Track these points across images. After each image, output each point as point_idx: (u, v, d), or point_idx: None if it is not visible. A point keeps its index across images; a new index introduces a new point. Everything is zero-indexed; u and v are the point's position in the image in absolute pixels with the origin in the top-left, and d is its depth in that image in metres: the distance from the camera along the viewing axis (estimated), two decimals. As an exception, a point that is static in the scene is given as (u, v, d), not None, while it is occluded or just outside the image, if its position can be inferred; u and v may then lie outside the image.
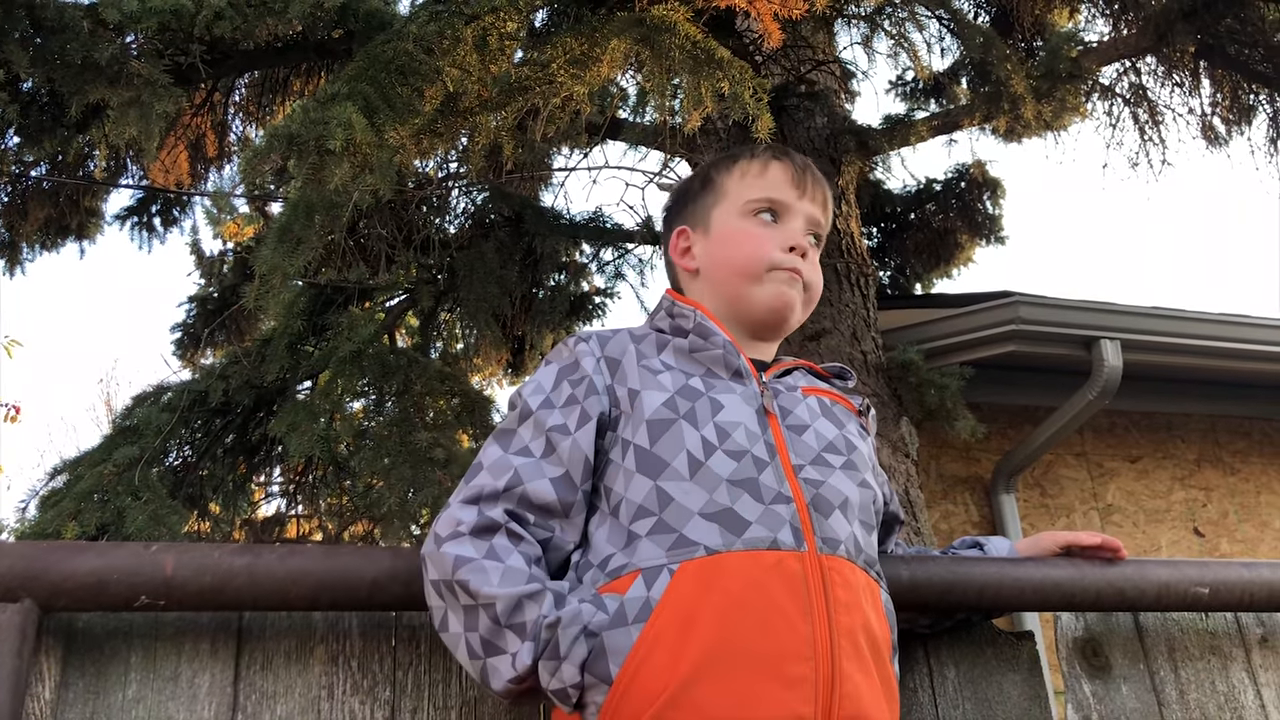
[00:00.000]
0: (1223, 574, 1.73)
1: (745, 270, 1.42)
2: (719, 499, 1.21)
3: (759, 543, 1.18)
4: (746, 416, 1.29)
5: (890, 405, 3.85)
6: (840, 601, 1.18)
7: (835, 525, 1.24)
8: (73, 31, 3.21)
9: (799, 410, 1.35)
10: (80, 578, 1.29)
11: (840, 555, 1.22)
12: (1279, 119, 4.80)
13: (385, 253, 4.38)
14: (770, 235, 1.43)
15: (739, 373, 1.35)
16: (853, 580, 1.21)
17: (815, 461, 1.29)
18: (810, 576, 1.17)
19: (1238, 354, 5.01)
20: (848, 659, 1.14)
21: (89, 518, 3.15)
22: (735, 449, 1.25)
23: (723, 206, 1.48)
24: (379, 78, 2.63)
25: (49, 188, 4.96)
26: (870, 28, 4.25)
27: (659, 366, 1.34)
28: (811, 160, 1.54)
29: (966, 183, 6.21)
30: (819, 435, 1.33)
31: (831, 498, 1.26)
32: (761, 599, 1.14)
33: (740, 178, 1.49)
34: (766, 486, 1.23)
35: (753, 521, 1.19)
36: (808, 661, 1.12)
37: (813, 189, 1.48)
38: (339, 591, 1.36)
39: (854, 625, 1.18)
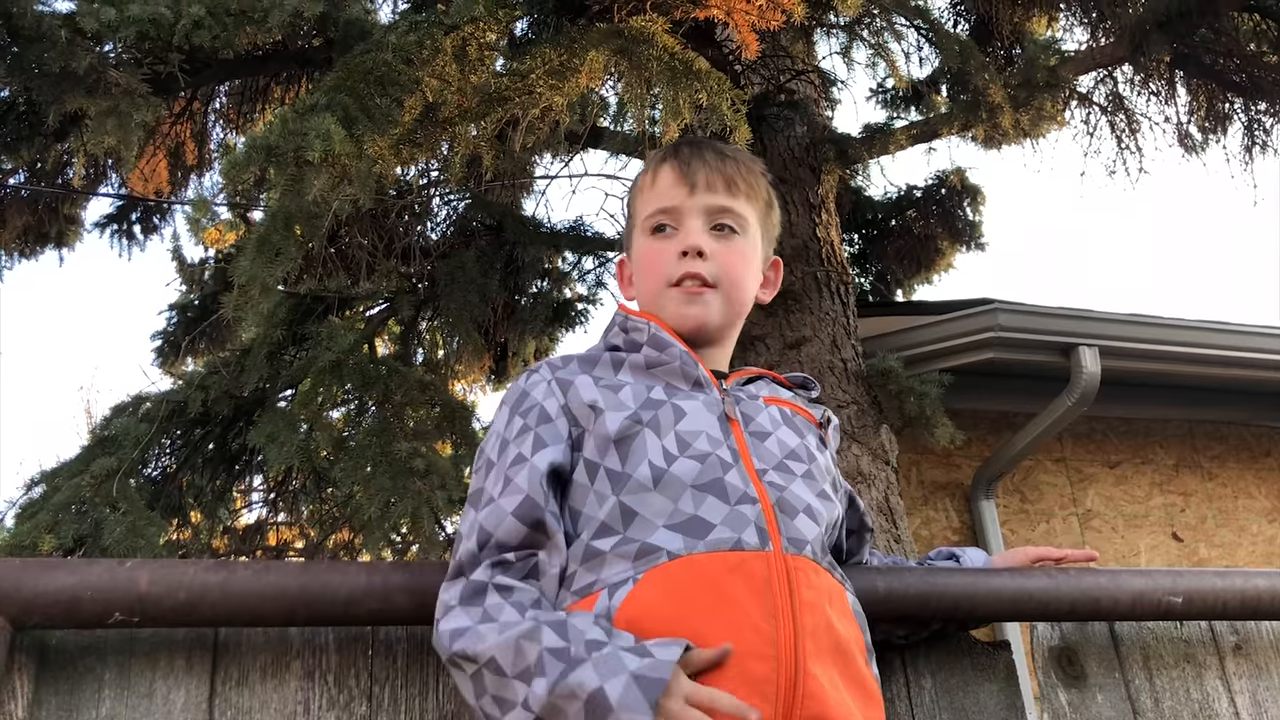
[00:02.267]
0: (1196, 583, 1.74)
1: (652, 293, 1.42)
2: (684, 507, 1.20)
3: (722, 544, 1.17)
4: (709, 424, 1.29)
5: (870, 412, 3.86)
6: (805, 602, 1.16)
7: (801, 526, 1.23)
8: (50, 40, 3.19)
9: (761, 418, 1.34)
10: (53, 594, 1.28)
11: (806, 555, 1.21)
12: (1253, 127, 4.85)
13: (366, 261, 4.38)
14: (665, 248, 1.41)
15: (699, 382, 1.34)
16: (817, 582, 1.20)
17: (778, 467, 1.28)
18: (775, 577, 1.16)
19: (1215, 360, 5.05)
20: (812, 659, 1.13)
21: (66, 529, 3.13)
22: (698, 453, 1.24)
23: (635, 231, 1.48)
24: (358, 88, 2.63)
25: (27, 195, 4.93)
26: (849, 38, 4.28)
27: (619, 382, 1.33)
28: (715, 143, 1.49)
29: (946, 190, 6.25)
30: (781, 443, 1.32)
31: (795, 503, 1.25)
32: (722, 599, 1.13)
33: (640, 195, 1.48)
34: (732, 486, 1.22)
35: (717, 524, 1.19)
36: (769, 661, 1.10)
37: (705, 177, 1.42)
38: (315, 607, 1.36)
39: (818, 626, 1.16)
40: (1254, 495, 5.76)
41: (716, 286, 1.40)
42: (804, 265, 4.16)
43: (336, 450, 3.60)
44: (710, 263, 1.39)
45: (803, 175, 4.41)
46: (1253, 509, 5.71)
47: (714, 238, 1.42)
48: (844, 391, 3.87)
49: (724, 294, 1.41)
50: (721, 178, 1.43)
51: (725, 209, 1.43)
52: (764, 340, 4.00)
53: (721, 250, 1.41)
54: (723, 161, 1.45)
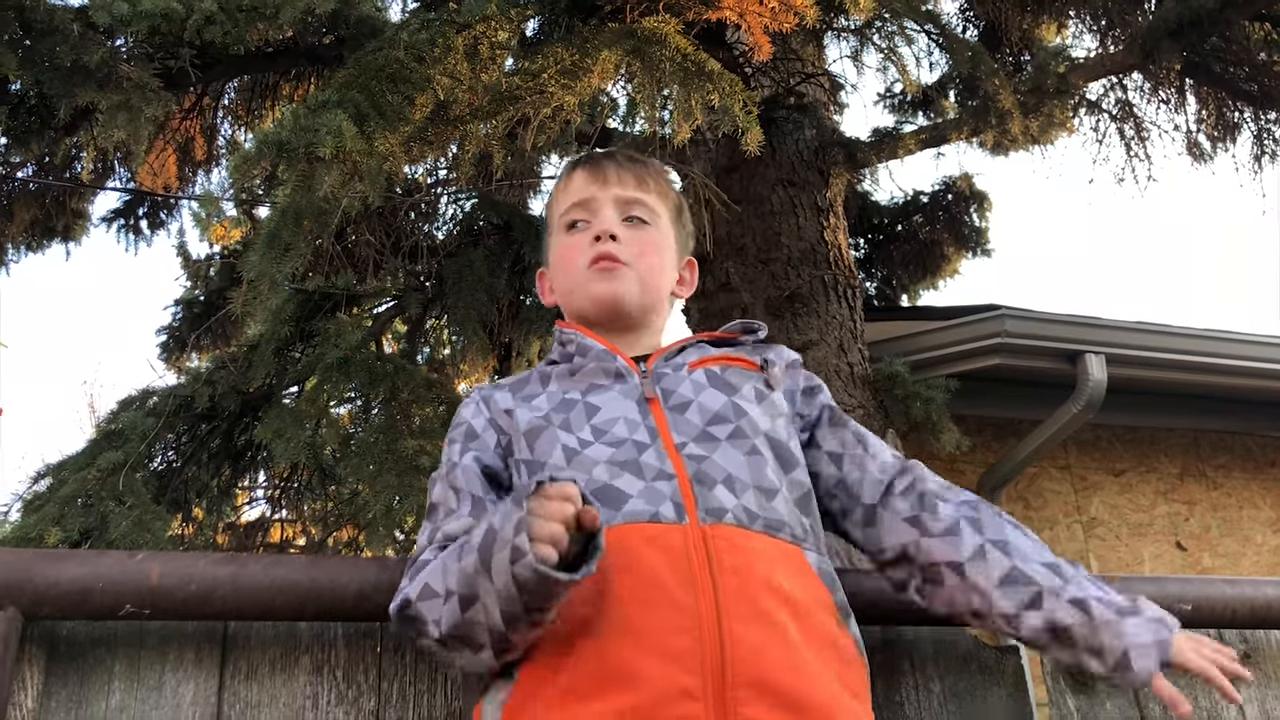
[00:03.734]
0: (1206, 591, 1.74)
1: (569, 284, 1.44)
2: (598, 475, 1.21)
3: (638, 516, 1.17)
4: (626, 410, 1.29)
5: (876, 417, 3.86)
6: (727, 566, 1.14)
7: (720, 496, 1.20)
8: (62, 34, 3.20)
9: (682, 389, 1.32)
10: (64, 586, 1.28)
11: (727, 523, 1.18)
12: (1263, 136, 4.85)
13: (373, 259, 4.38)
14: (579, 240, 1.44)
15: (618, 373, 1.35)
16: (744, 544, 1.17)
17: (699, 438, 1.26)
18: (693, 549, 1.14)
19: (1222, 369, 5.04)
20: (740, 622, 1.10)
21: (73, 523, 3.13)
22: (614, 439, 1.25)
23: (552, 236, 1.51)
24: (369, 85, 2.63)
25: (36, 189, 4.94)
26: (860, 41, 4.28)
27: (535, 392, 1.37)
28: (625, 150, 1.53)
29: (953, 195, 6.26)
30: (703, 409, 1.30)
31: (714, 473, 1.22)
32: (639, 574, 1.13)
33: (554, 202, 1.51)
34: (648, 465, 1.22)
35: (633, 495, 1.19)
36: (689, 633, 1.09)
37: (616, 174, 1.46)
38: (324, 601, 1.36)
39: (749, 587, 1.13)
40: (1259, 505, 5.75)
41: (630, 265, 1.42)
42: (811, 269, 4.16)
43: (342, 447, 3.60)
44: (622, 245, 1.42)
45: (811, 178, 4.41)
46: (1257, 519, 5.70)
47: (626, 226, 1.44)
48: (850, 396, 3.87)
49: (638, 274, 1.42)
50: (632, 174, 1.47)
51: (636, 200, 1.46)
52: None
53: (634, 236, 1.44)
54: (632, 162, 1.49)
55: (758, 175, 4.36)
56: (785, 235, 4.23)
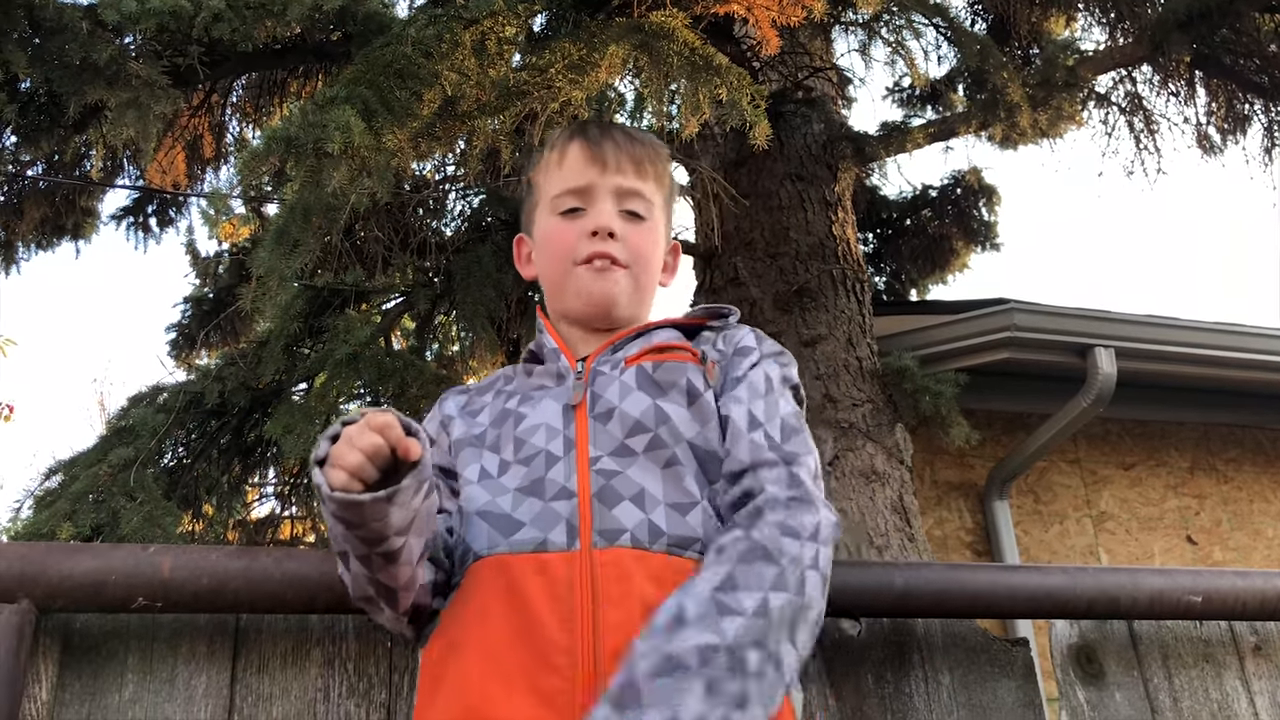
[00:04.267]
0: (1216, 582, 1.74)
1: (556, 273, 1.41)
2: (501, 504, 1.21)
3: (525, 545, 1.16)
4: (551, 415, 1.28)
5: (885, 411, 3.85)
6: (610, 598, 1.10)
7: (621, 515, 1.16)
8: (71, 32, 3.21)
9: (610, 392, 1.27)
10: (78, 578, 1.29)
11: (621, 545, 1.14)
12: (1274, 129, 4.82)
13: (382, 255, 4.39)
14: (573, 228, 1.39)
15: (560, 375, 1.34)
16: (635, 569, 1.12)
17: (616, 452, 1.22)
18: (577, 578, 1.12)
19: (1232, 363, 5.03)
20: (616, 662, 1.04)
21: (84, 518, 3.14)
22: (529, 454, 1.25)
23: (540, 208, 1.46)
24: (377, 81, 2.64)
25: (45, 187, 4.95)
26: (868, 35, 4.27)
27: (482, 404, 1.37)
28: (623, 126, 1.48)
29: (962, 189, 6.25)
30: (624, 416, 1.24)
31: (623, 489, 1.19)
32: (517, 609, 1.11)
33: (545, 174, 1.45)
34: (552, 482, 1.20)
35: (526, 522, 1.18)
36: (562, 672, 1.06)
37: (615, 158, 1.40)
38: (336, 594, 1.37)
39: (630, 622, 1.07)
40: (1269, 499, 5.73)
41: (627, 267, 1.39)
42: (820, 263, 4.15)
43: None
44: (620, 244, 1.38)
45: (819, 173, 4.41)
46: (1268, 512, 5.68)
47: (623, 219, 1.40)
48: (859, 390, 3.86)
49: (633, 275, 1.40)
50: (631, 159, 1.41)
51: (634, 191, 1.41)
52: (779, 338, 4.00)
53: (631, 232, 1.40)
54: (632, 144, 1.43)
55: (766, 170, 4.36)
56: (793, 230, 4.22)
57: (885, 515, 3.59)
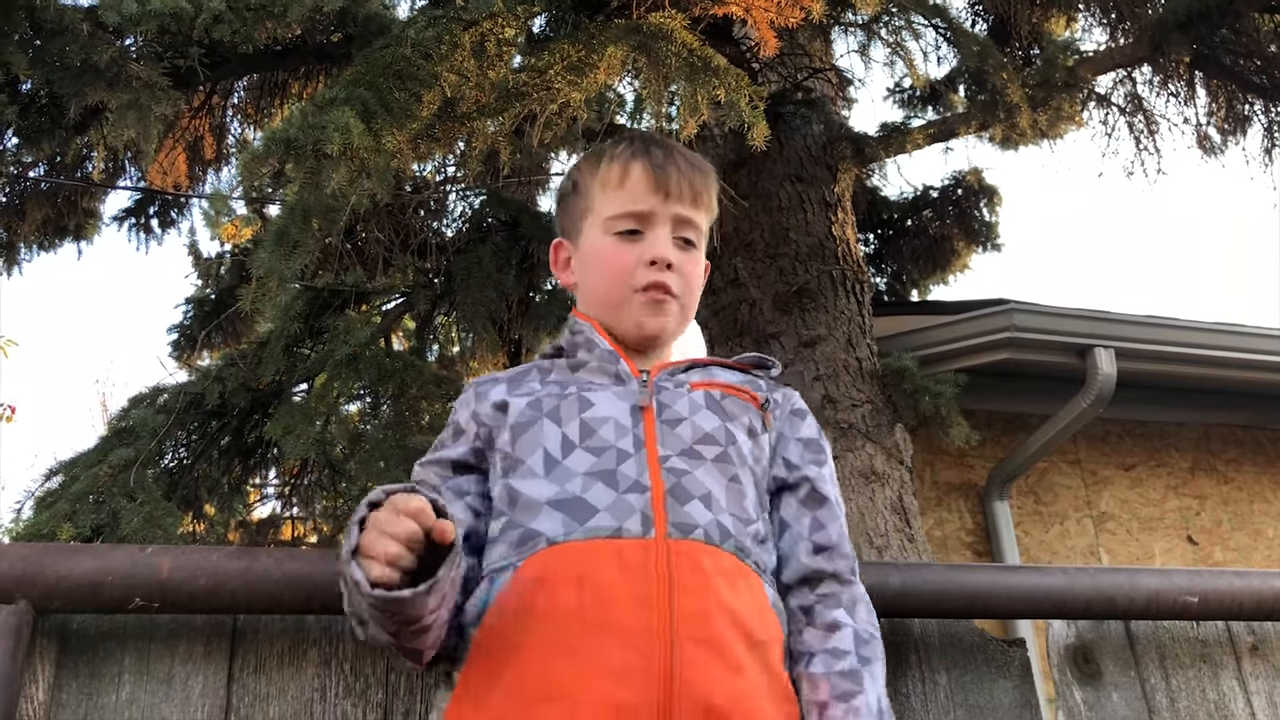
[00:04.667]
0: (1213, 583, 1.74)
1: (609, 295, 1.41)
2: (570, 488, 1.21)
3: (600, 531, 1.17)
4: (618, 412, 1.29)
5: (884, 411, 3.86)
6: (685, 586, 1.14)
7: (693, 511, 1.20)
8: (72, 33, 3.21)
9: (679, 405, 1.31)
10: (75, 579, 1.29)
11: (695, 539, 1.18)
12: (1274, 129, 4.82)
13: (382, 256, 4.39)
14: (632, 253, 1.39)
15: (619, 376, 1.35)
16: (706, 564, 1.17)
17: (685, 454, 1.26)
18: (653, 563, 1.14)
19: (1232, 363, 5.03)
20: (694, 644, 1.10)
21: (84, 519, 3.15)
22: (598, 445, 1.25)
23: (589, 220, 1.45)
24: (377, 82, 2.64)
25: (47, 188, 4.96)
26: (867, 36, 4.27)
27: (532, 388, 1.36)
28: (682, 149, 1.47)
29: (963, 190, 6.24)
30: (695, 428, 1.29)
31: (693, 488, 1.22)
32: (593, 590, 1.12)
33: (602, 189, 1.43)
34: (624, 476, 1.21)
35: (600, 509, 1.18)
36: (638, 650, 1.09)
37: (677, 186, 1.40)
38: (333, 595, 1.37)
39: (706, 609, 1.13)
40: (1270, 499, 5.73)
41: (678, 297, 1.41)
42: (820, 264, 4.15)
43: (352, 443, 3.61)
44: (676, 275, 1.40)
45: (819, 174, 4.41)
46: (1268, 513, 5.68)
47: (677, 249, 1.41)
48: (858, 390, 3.86)
49: (684, 306, 1.43)
50: (690, 188, 1.42)
51: (690, 221, 1.43)
52: (779, 338, 4.00)
53: (685, 261, 1.42)
54: (692, 170, 1.44)
55: (766, 170, 4.36)
56: (793, 230, 4.23)
57: (885, 515, 3.59)
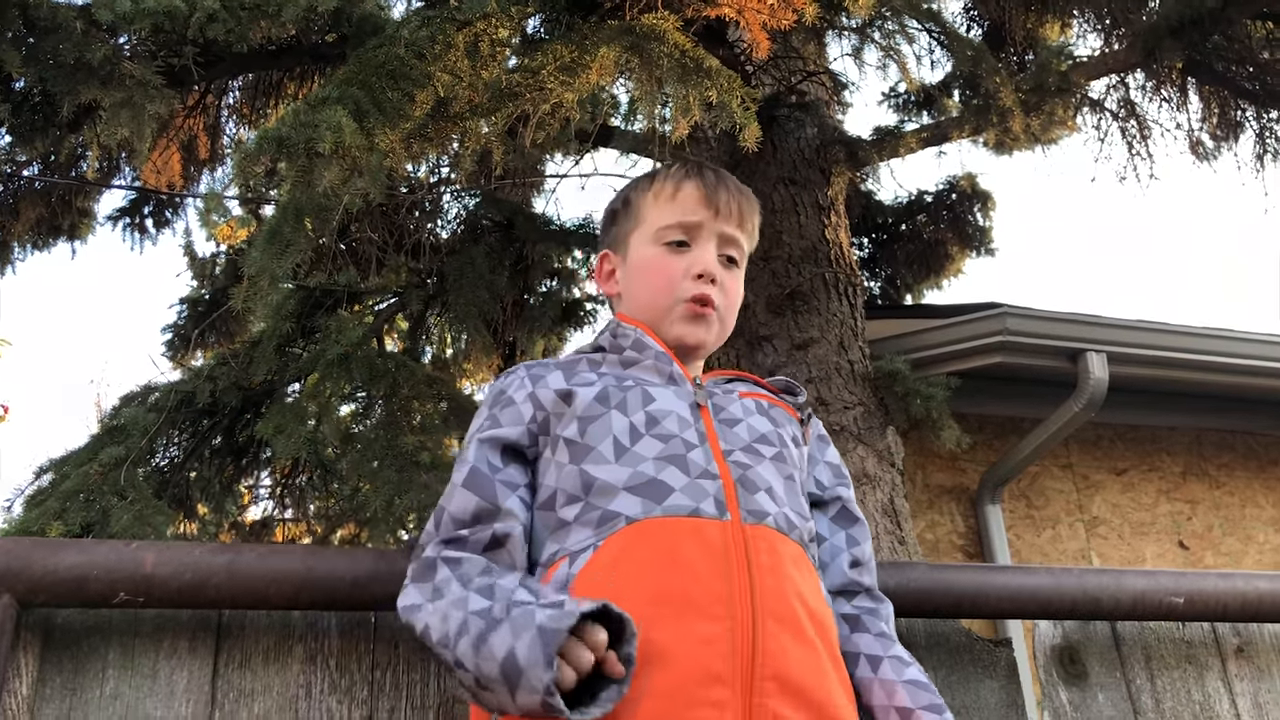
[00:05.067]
0: (1198, 584, 1.75)
1: (654, 303, 1.44)
2: (644, 470, 1.23)
3: (679, 509, 1.20)
4: (679, 406, 1.32)
5: (876, 414, 3.86)
6: (763, 566, 1.18)
7: (762, 501, 1.25)
8: (66, 32, 3.21)
9: (733, 408, 1.37)
10: (60, 573, 1.29)
11: (768, 525, 1.23)
12: (1265, 135, 4.84)
13: (376, 256, 4.39)
14: (679, 264, 1.44)
15: (672, 377, 1.38)
16: (780, 549, 1.22)
17: (746, 449, 1.31)
18: (731, 543, 1.18)
19: (1224, 368, 5.04)
20: (773, 619, 1.14)
21: (74, 517, 3.14)
22: (664, 433, 1.28)
23: (639, 233, 1.49)
24: (370, 81, 2.64)
25: (41, 187, 4.95)
26: (861, 39, 4.28)
27: (590, 378, 1.37)
28: (732, 177, 1.53)
29: (957, 195, 6.25)
30: (751, 428, 1.35)
31: (758, 481, 1.27)
32: (675, 564, 1.15)
33: (654, 201, 1.49)
34: (694, 463, 1.25)
35: (676, 489, 1.21)
36: (722, 620, 1.12)
37: (726, 205, 1.46)
38: (318, 591, 1.37)
39: (782, 589, 1.18)
40: (1261, 504, 5.74)
41: (719, 312, 1.45)
42: (812, 266, 4.16)
43: (344, 443, 3.62)
44: (719, 290, 1.44)
45: (812, 177, 4.42)
46: (1260, 518, 5.69)
47: (722, 266, 1.46)
48: (850, 393, 3.87)
49: (723, 320, 1.47)
50: (737, 209, 1.48)
51: (735, 240, 1.48)
52: (771, 341, 4.01)
53: (729, 278, 1.47)
54: (741, 194, 1.50)
55: (759, 173, 4.37)
56: (787, 233, 4.23)
57: (876, 518, 3.60)
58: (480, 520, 1.25)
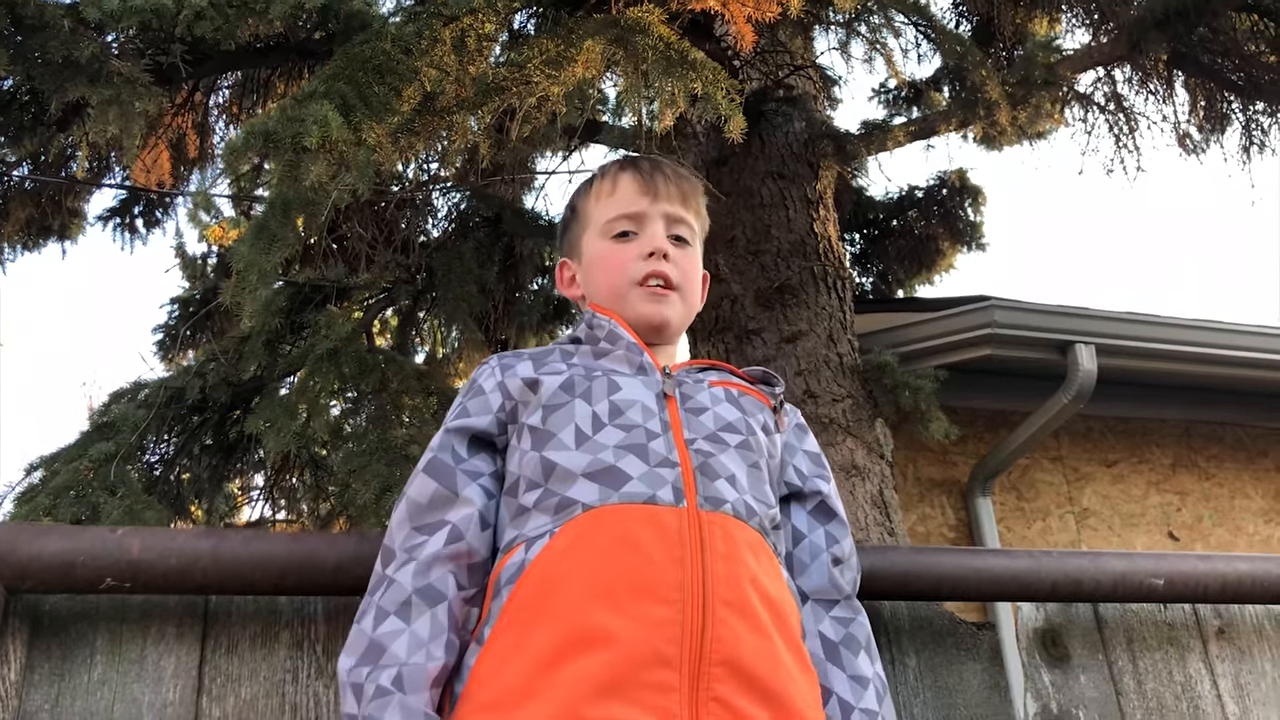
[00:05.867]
0: (1178, 565, 1.76)
1: (613, 292, 1.47)
2: (604, 458, 1.25)
3: (636, 497, 1.21)
4: (644, 396, 1.33)
5: (865, 406, 3.88)
6: (718, 552, 1.18)
7: (721, 489, 1.25)
8: (53, 29, 3.21)
9: (700, 396, 1.38)
10: (46, 559, 1.30)
11: (724, 512, 1.23)
12: (1251, 127, 4.86)
13: (365, 252, 4.40)
14: (628, 250, 1.47)
15: (642, 367, 1.39)
16: (737, 535, 1.22)
17: (710, 438, 1.31)
18: (686, 529, 1.19)
19: (1212, 359, 5.06)
20: (724, 605, 1.15)
21: (64, 513, 3.15)
22: (627, 423, 1.29)
23: (589, 233, 1.53)
24: (356, 77, 2.65)
25: (31, 187, 4.95)
26: (847, 33, 4.30)
27: (560, 367, 1.39)
28: (669, 161, 1.57)
29: (948, 190, 6.27)
30: (718, 417, 1.35)
31: (719, 469, 1.28)
32: (629, 549, 1.16)
33: (596, 200, 1.53)
34: (654, 451, 1.26)
35: (634, 477, 1.22)
36: (673, 604, 1.13)
37: (665, 189, 1.50)
38: (304, 575, 1.38)
39: (735, 575, 1.18)
40: (1250, 495, 5.77)
41: (677, 289, 1.47)
42: (801, 260, 4.18)
43: (334, 438, 3.62)
44: (673, 266, 1.47)
45: (801, 171, 4.43)
46: (1249, 509, 5.72)
47: (672, 245, 1.49)
48: (839, 386, 3.89)
49: (683, 297, 1.49)
50: (678, 190, 1.52)
51: (681, 219, 1.51)
52: (760, 334, 4.02)
53: (680, 256, 1.49)
54: (679, 178, 1.54)
55: (747, 167, 4.38)
56: (775, 227, 4.25)
57: (865, 509, 3.62)
58: (436, 506, 1.27)
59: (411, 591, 1.19)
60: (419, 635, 1.16)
